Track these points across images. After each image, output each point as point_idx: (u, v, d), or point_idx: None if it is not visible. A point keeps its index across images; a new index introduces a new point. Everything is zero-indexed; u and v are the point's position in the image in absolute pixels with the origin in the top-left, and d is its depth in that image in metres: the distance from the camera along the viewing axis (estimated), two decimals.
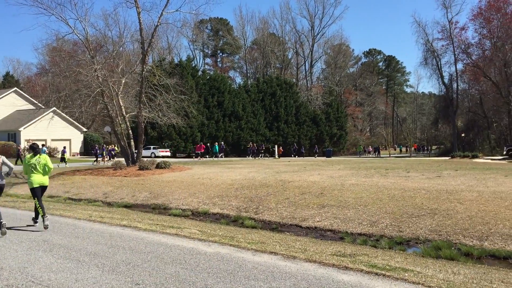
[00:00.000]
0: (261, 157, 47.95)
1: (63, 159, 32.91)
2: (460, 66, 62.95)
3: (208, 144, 46.95)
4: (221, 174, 20.63)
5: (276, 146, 51.37)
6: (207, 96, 53.56)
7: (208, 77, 58.21)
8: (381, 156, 60.37)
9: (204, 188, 16.93)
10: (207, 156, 45.25)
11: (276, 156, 48.32)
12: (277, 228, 11.17)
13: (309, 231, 10.70)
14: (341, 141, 66.91)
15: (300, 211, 12.28)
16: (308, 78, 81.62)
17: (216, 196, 15.31)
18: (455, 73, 63.23)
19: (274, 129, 59.54)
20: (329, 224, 10.98)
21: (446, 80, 64.57)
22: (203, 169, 23.72)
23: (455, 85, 64.55)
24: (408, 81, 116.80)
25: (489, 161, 30.16)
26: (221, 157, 45.95)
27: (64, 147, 36.61)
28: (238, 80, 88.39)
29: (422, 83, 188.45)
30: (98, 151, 36.25)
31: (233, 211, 13.36)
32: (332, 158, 48.04)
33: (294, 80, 75.24)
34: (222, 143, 49.23)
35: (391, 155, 63.00)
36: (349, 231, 10.30)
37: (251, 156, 47.05)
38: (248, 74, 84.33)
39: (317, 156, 53.97)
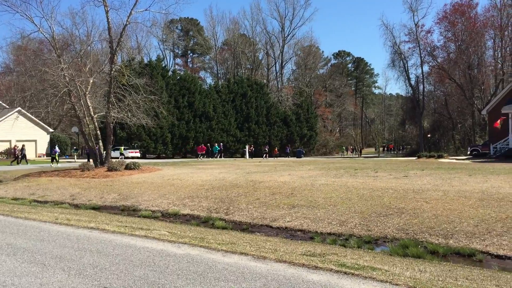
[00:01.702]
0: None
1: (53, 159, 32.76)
2: (426, 68, 64.70)
3: (208, 145, 49.13)
4: (192, 175, 20.49)
5: (246, 147, 51.93)
6: (177, 96, 53.14)
7: (178, 77, 57.71)
8: (361, 155, 62.22)
9: (174, 189, 16.77)
10: (205, 156, 46.11)
11: (247, 157, 48.58)
12: (247, 228, 11.17)
13: (279, 231, 10.74)
14: (311, 141, 67.44)
15: (270, 212, 12.31)
16: (278, 79, 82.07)
17: (186, 197, 15.19)
18: (421, 75, 64.86)
19: (245, 129, 59.50)
20: (299, 224, 11.05)
21: (412, 82, 66.13)
22: (174, 170, 23.52)
23: (421, 87, 66.21)
24: (376, 82, 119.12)
25: (454, 161, 30.95)
26: (220, 157, 47.66)
27: (56, 147, 36.07)
28: (209, 80, 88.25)
29: (390, 84, 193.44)
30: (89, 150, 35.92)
31: (203, 212, 13.27)
32: (303, 158, 48.44)
33: (264, 81, 75.40)
34: (221, 144, 51.18)
35: (360, 156, 64.10)
36: (319, 231, 10.38)
37: (249, 157, 48.68)
38: (219, 75, 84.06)
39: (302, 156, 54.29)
